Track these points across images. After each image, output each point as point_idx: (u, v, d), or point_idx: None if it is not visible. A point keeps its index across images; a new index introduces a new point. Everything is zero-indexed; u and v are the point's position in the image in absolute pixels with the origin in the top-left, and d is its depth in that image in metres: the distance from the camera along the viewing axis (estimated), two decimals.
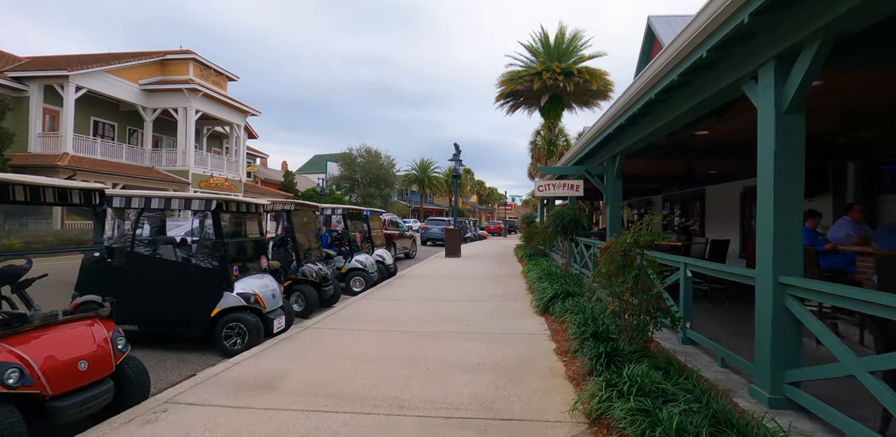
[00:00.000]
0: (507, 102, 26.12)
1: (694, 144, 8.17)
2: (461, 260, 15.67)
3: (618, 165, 8.03)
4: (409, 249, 16.74)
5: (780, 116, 3.40)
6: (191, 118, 24.38)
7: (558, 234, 8.57)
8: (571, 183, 8.50)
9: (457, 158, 17.19)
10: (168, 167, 24.40)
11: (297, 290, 6.79)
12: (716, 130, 7.10)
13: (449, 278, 10.79)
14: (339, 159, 51.59)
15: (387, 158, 52.99)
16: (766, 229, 3.50)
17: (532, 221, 17.42)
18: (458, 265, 13.92)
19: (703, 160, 9.12)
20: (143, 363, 3.62)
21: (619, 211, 8.28)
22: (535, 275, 9.00)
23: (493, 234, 47.51)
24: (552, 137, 26.26)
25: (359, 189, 50.91)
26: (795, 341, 3.34)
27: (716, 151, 8.24)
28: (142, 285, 4.85)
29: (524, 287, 9.25)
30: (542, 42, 25.03)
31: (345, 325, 5.99)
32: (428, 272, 12.01)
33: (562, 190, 8.47)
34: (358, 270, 8.93)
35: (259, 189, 33.86)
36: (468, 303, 7.61)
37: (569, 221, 8.33)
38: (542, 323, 6.10)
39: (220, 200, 4.90)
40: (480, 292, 8.78)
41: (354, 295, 8.65)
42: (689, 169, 10.61)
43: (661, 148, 8.32)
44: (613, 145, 7.76)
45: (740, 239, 12.20)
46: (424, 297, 8.15)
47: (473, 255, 18.19)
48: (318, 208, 7.64)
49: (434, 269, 12.86)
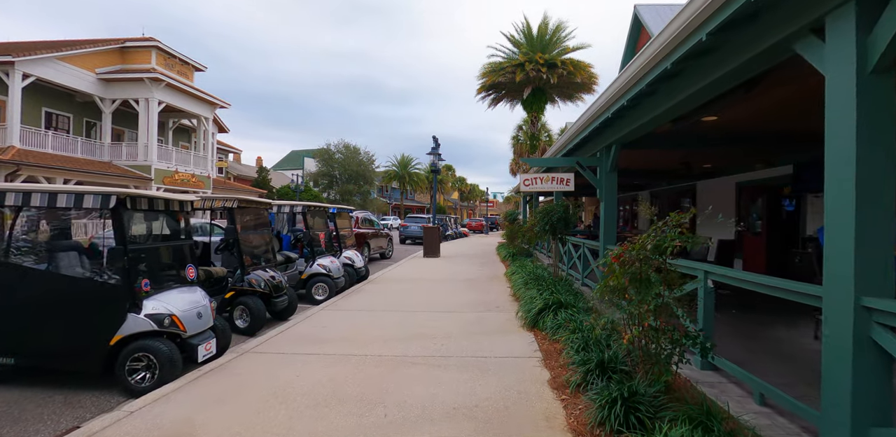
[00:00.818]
0: (489, 94, 25.18)
1: (697, 133, 7.30)
2: (440, 260, 14.69)
3: (613, 157, 7.12)
4: (384, 249, 15.69)
5: (864, 80, 2.47)
6: (153, 110, 22.87)
7: (546, 233, 7.65)
8: (561, 177, 7.56)
9: (435, 151, 16.18)
10: (128, 162, 22.87)
11: (241, 303, 5.72)
12: (726, 116, 6.23)
13: (425, 282, 9.79)
14: (316, 155, 50.14)
15: (366, 154, 51.76)
16: (842, 233, 2.57)
17: (515, 218, 16.53)
18: (436, 267, 12.94)
19: (706, 152, 8.29)
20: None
21: (614, 208, 7.39)
22: (521, 279, 8.06)
23: (474, 231, 46.66)
24: (535, 132, 25.42)
25: (337, 186, 49.58)
26: (886, 387, 2.44)
27: (722, 140, 7.39)
28: (18, 306, 3.76)
29: (508, 293, 8.31)
30: (524, 33, 24.13)
31: (294, 347, 4.95)
32: (403, 275, 10.99)
33: (550, 184, 7.54)
34: (321, 275, 7.87)
35: (230, 185, 32.40)
36: (444, 314, 6.62)
37: (558, 218, 7.41)
38: (532, 341, 5.14)
39: (123, 196, 3.81)
40: (459, 299, 7.81)
41: (317, 304, 7.61)
42: (685, 163, 9.78)
43: (660, 138, 7.44)
44: (609, 133, 6.85)
45: (736, 240, 11.45)
46: (395, 306, 7.15)
47: (454, 254, 17.22)
48: (270, 206, 6.59)
49: (410, 271, 11.85)
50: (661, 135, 7.37)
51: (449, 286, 9.25)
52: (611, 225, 7.42)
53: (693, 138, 7.42)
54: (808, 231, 9.03)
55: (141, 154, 22.97)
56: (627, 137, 6.63)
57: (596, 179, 7.49)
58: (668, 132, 7.26)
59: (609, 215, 7.42)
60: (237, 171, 39.80)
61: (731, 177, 11.76)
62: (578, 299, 6.16)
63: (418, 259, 15.12)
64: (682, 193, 14.80)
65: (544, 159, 8.16)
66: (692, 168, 10.33)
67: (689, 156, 9.17)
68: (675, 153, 8.86)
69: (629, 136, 6.56)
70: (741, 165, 10.81)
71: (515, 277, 8.90)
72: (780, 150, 7.76)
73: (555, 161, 7.67)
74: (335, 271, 8.11)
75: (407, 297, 8.00)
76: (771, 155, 8.86)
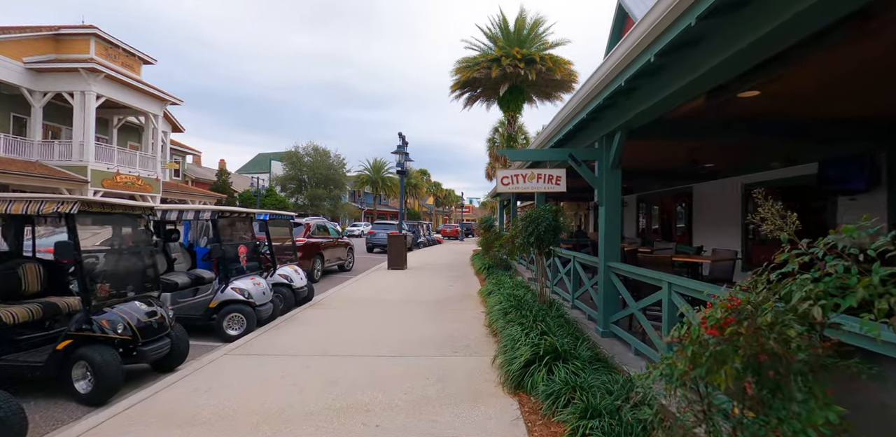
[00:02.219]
0: (464, 92, 23.54)
1: (724, 117, 5.71)
2: (406, 273, 12.87)
3: (616, 148, 5.47)
4: (343, 260, 13.79)
5: None
6: (90, 104, 20.52)
7: (530, 246, 5.95)
8: (550, 173, 5.87)
9: (402, 150, 14.39)
10: (61, 162, 20.45)
11: (81, 357, 3.80)
12: (771, 90, 4.63)
13: (381, 306, 7.96)
14: (283, 158, 47.78)
15: (336, 158, 49.67)
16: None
17: (490, 225, 14.85)
18: (399, 282, 11.12)
19: (730, 144, 6.71)
20: None
21: (617, 214, 5.73)
22: (499, 305, 6.32)
23: (449, 237, 44.96)
24: (512, 133, 23.90)
25: (306, 190, 47.29)
26: None
27: (756, 127, 5.82)
28: None
29: (483, 322, 6.56)
30: (501, 27, 22.62)
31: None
32: (356, 295, 9.13)
33: (536, 183, 5.83)
34: (236, 303, 5.96)
35: (186, 189, 29.99)
36: (394, 361, 4.82)
37: (546, 228, 5.72)
38: (516, 418, 3.38)
39: None
40: (419, 332, 6.02)
41: (230, 341, 5.72)
42: (692, 160, 8.23)
43: (675, 124, 5.84)
44: (613, 116, 5.20)
45: (743, 249, 9.99)
46: (329, 347, 5.30)
47: (423, 265, 15.42)
48: (150, 211, 4.70)
49: (367, 289, 9.99)
50: (677, 121, 5.77)
51: (409, 311, 7.44)
52: (613, 236, 5.75)
53: (716, 126, 5.82)
54: None
55: (76, 153, 20.60)
56: (637, 120, 4.98)
57: (594, 178, 5.82)
58: (686, 117, 5.65)
59: (611, 224, 5.75)
60: (196, 174, 37.26)
61: (737, 178, 10.30)
62: (579, 342, 4.43)
63: (381, 272, 13.27)
64: (677, 197, 13.34)
65: (529, 151, 6.47)
66: (698, 167, 8.81)
67: (703, 150, 7.61)
68: (688, 147, 7.28)
69: (639, 118, 4.91)
70: (751, 164, 9.34)
71: (492, 299, 7.16)
72: (835, 138, 6.23)
73: (542, 154, 6.00)
74: (258, 295, 6.22)
75: (351, 330, 6.16)
76: (806, 148, 7.36)
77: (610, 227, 5.78)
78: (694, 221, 12.33)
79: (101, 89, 20.95)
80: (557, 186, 5.92)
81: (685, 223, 12.68)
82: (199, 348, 5.52)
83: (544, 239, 5.86)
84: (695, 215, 12.31)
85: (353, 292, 9.52)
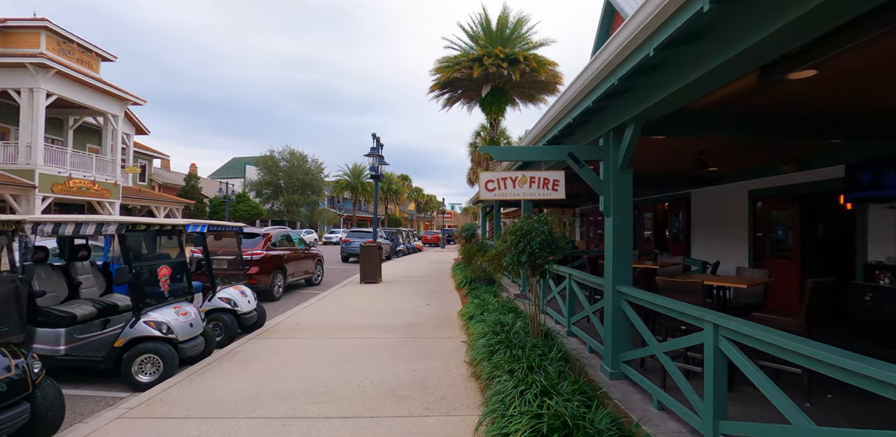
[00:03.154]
0: (444, 92, 22.46)
1: (760, 105, 4.68)
2: (379, 288, 11.65)
3: (628, 144, 4.40)
4: (311, 273, 12.50)
5: None
6: (39, 103, 18.92)
7: (521, 266, 4.81)
8: (545, 177, 4.74)
9: (376, 153, 13.18)
10: (6, 165, 18.76)
11: None
12: (832, 70, 3.60)
13: (343, 334, 6.74)
14: (258, 163, 46.11)
15: (314, 162, 48.21)
16: None
17: (472, 234, 13.71)
18: (370, 299, 9.90)
19: (764, 140, 5.64)
20: None
21: (629, 226, 4.65)
22: (483, 338, 5.17)
23: (430, 244, 43.73)
24: (494, 136, 22.88)
25: (282, 196, 45.67)
26: None
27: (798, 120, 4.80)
28: None
29: (463, 357, 5.40)
30: (483, 26, 21.64)
31: None
32: (316, 318, 7.88)
33: (528, 188, 4.70)
34: (150, 340, 4.69)
35: (150, 195, 28.32)
36: (345, 428, 3.62)
37: (541, 244, 4.60)
38: None
39: None
40: (384, 375, 4.82)
41: (141, 390, 4.45)
42: (701, 162, 7.22)
43: (698, 116, 4.78)
44: (627, 103, 4.13)
45: (751, 263, 9.02)
46: (264, 406, 4.06)
47: (399, 277, 14.19)
48: (17, 225, 3.40)
49: (331, 309, 8.75)
50: (701, 112, 4.72)
51: (376, 342, 6.24)
52: (623, 254, 4.65)
53: (747, 117, 4.78)
54: (873, 256, 6.58)
55: (22, 156, 18.93)
56: (656, 109, 3.91)
57: (598, 181, 4.73)
58: (714, 106, 4.61)
59: (621, 239, 4.66)
60: (164, 179, 35.47)
61: (741, 184, 9.36)
62: (593, 405, 3.28)
63: (353, 286, 12.02)
64: (674, 204, 12.39)
65: (519, 149, 5.30)
66: (704, 170, 7.81)
67: (715, 150, 6.60)
68: (702, 145, 6.25)
69: (660, 107, 3.85)
70: (760, 168, 8.39)
71: (475, 327, 6.00)
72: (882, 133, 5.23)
73: (535, 152, 4.86)
74: (182, 329, 4.94)
75: (299, 373, 4.93)
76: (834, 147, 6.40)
77: (619, 242, 4.68)
78: (692, 230, 11.37)
79: (53, 87, 19.35)
80: (555, 193, 4.81)
81: (683, 233, 11.71)
82: (91, 403, 4.24)
83: (539, 258, 4.73)
84: (693, 225, 11.35)
85: (315, 313, 8.26)
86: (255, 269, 9.41)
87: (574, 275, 6.30)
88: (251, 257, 9.44)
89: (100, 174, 22.31)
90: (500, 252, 5.10)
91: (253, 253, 9.52)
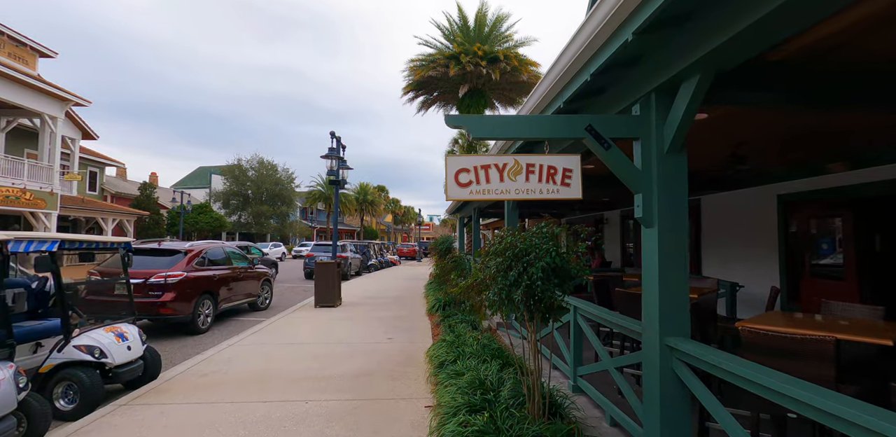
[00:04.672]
0: (419, 94, 20.76)
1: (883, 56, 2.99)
2: (336, 313, 9.70)
3: (684, 111, 2.71)
4: (255, 295, 10.47)
5: None
6: None
7: (512, 306, 3.02)
8: (550, 164, 2.96)
9: (335, 155, 11.29)
10: None
11: None
12: None
13: (258, 397, 4.80)
14: (225, 172, 43.66)
15: (285, 172, 45.94)
16: None
17: (448, 248, 11.91)
18: (320, 330, 7.95)
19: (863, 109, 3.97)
20: None
21: (683, 240, 2.94)
22: (456, 417, 3.32)
23: (406, 258, 41.76)
24: (473, 141, 21.26)
25: (250, 207, 43.21)
26: None
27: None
28: None
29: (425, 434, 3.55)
30: (459, 25, 20.12)
31: None
32: (232, 368, 5.90)
33: (522, 182, 2.91)
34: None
35: (97, 205, 25.86)
36: None
37: (546, 271, 2.83)
38: None
39: None
40: None
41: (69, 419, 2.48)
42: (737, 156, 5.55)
43: (791, 68, 3.08)
44: (685, 41, 2.44)
45: (784, 283, 7.40)
46: None
47: (363, 299, 12.24)
48: None
49: (262, 349, 6.78)
50: (796, 63, 3.01)
51: (300, 414, 4.32)
52: (675, 283, 2.91)
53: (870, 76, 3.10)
54: None
55: None
56: (736, 50, 2.21)
57: (633, 171, 2.99)
58: (818, 52, 2.90)
59: (671, 261, 2.91)
60: (118, 188, 32.89)
61: (768, 187, 7.79)
62: None
63: (304, 312, 10.04)
64: None
65: (509, 119, 3.45)
66: (737, 168, 6.17)
67: (768, 138, 4.92)
68: (755, 130, 4.55)
69: (740, 48, 2.14)
70: (802, 166, 6.79)
71: (444, 390, 4.14)
72: None
73: (534, 125, 3.02)
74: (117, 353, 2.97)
75: None
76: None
77: (669, 268, 2.92)
78: (703, 244, 9.76)
79: None
80: (566, 189, 3.03)
81: (691, 247, 10.10)
82: None
83: (542, 291, 2.93)
84: (704, 237, 9.75)
85: (238, 355, 6.28)
86: (169, 295, 7.41)
87: (582, 309, 4.53)
88: (164, 280, 7.44)
89: (33, 182, 19.91)
90: (479, 282, 3.29)
91: (168, 275, 7.52)
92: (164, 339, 7.69)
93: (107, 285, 6.54)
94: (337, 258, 12.21)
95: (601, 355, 4.09)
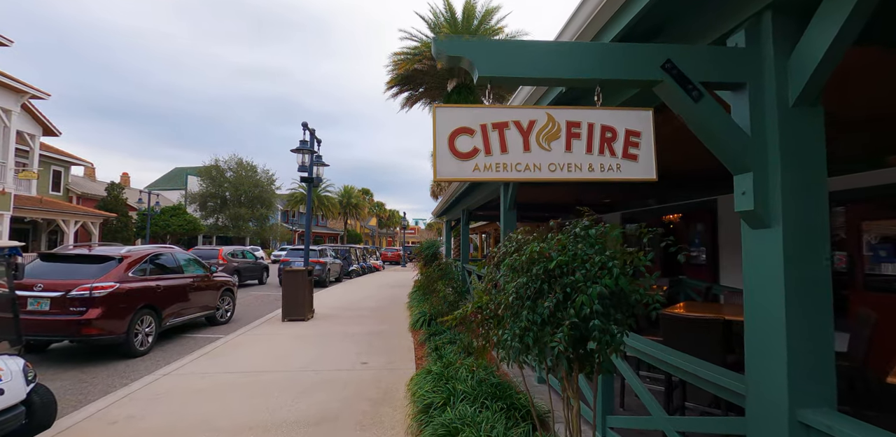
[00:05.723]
0: (403, 89, 19.55)
1: None
2: (304, 329, 8.42)
3: (836, 41, 1.60)
4: (213, 308, 9.11)
5: None
6: None
7: (543, 355, 1.86)
8: (606, 125, 1.81)
9: (307, 148, 10.03)
10: None
11: None
12: None
13: None
14: (202, 173, 41.91)
15: (265, 174, 44.26)
16: None
17: (434, 253, 10.70)
18: (278, 356, 6.68)
19: None
20: None
21: (825, 246, 1.85)
22: None
23: (390, 262, 40.43)
24: None
25: (228, 209, 41.48)
26: None
27: None
28: None
29: None
30: (446, 18, 19.01)
31: None
32: (155, 410, 4.62)
33: (562, 152, 1.74)
34: None
35: (59, 206, 24.16)
36: None
37: (605, 300, 1.70)
38: None
39: None
40: None
41: None
42: None
43: None
44: None
45: None
46: None
47: (338, 310, 10.96)
48: None
49: (202, 382, 5.49)
50: None
51: None
52: (817, 318, 1.76)
53: None
54: None
55: None
56: None
57: (738, 133, 1.85)
58: None
59: (804, 284, 1.77)
60: (85, 188, 31.05)
61: None
62: None
63: (269, 326, 8.74)
64: (691, 215, 9.73)
65: (543, 45, 2.38)
66: None
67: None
68: None
69: None
70: (856, 160, 5.75)
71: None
72: None
73: (586, 57, 1.89)
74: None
75: None
76: None
77: (801, 293, 1.78)
78: (720, 249, 8.71)
79: None
80: (632, 164, 1.85)
81: (708, 253, 9.03)
82: None
83: (597, 332, 1.76)
84: (721, 242, 8.69)
85: (172, 390, 4.98)
86: (95, 312, 6.08)
87: (643, 348, 3.29)
88: (89, 293, 6.10)
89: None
90: (484, 311, 2.10)
91: (95, 287, 6.18)
92: (91, 363, 6.35)
93: None
94: (311, 264, 10.94)
95: (650, 407, 2.92)
